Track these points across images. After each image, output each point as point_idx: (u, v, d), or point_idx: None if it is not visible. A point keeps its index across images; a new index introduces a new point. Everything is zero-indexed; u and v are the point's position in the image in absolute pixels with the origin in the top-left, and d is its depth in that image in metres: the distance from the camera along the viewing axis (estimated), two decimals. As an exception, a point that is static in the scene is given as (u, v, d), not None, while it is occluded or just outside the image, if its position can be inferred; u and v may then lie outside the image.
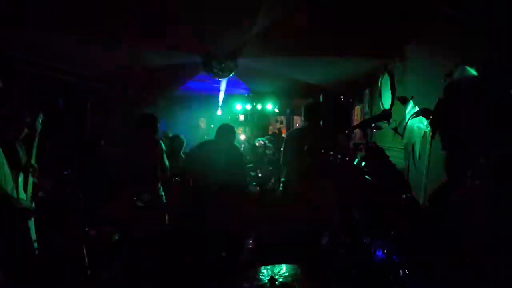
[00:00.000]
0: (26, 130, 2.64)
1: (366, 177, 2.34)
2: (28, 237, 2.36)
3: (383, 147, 3.44)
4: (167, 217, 3.60)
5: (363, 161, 1.29)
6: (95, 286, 2.69)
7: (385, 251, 2.23)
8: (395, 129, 3.58)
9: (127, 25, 3.25)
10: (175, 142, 4.93)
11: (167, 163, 3.66)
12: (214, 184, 3.30)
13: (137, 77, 5.51)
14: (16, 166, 2.43)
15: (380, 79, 4.48)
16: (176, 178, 4.10)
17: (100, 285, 2.75)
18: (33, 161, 2.60)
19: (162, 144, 3.67)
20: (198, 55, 4.27)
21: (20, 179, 2.44)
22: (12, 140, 2.51)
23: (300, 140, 3.25)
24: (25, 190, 2.48)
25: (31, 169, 2.56)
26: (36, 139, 2.67)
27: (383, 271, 2.04)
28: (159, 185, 3.61)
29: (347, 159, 4.06)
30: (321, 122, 3.65)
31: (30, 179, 2.54)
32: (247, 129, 9.15)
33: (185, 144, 5.00)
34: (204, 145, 3.85)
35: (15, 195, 2.34)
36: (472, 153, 1.06)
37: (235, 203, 3.38)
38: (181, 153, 4.98)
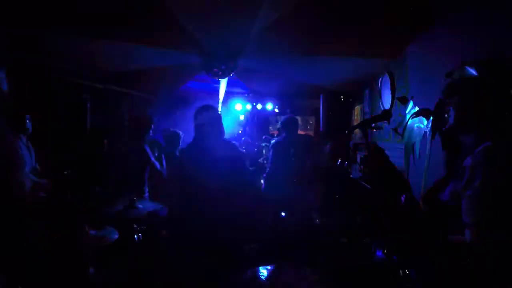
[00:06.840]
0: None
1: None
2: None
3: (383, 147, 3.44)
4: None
5: (363, 161, 1.29)
6: (95, 286, 2.68)
7: (385, 251, 2.23)
8: (395, 129, 3.59)
9: (127, 25, 3.25)
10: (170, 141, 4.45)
11: (158, 166, 3.63)
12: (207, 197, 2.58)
13: (137, 77, 5.50)
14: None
15: (380, 79, 4.47)
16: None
17: (100, 285, 2.75)
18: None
19: (148, 149, 3.60)
20: (198, 55, 4.27)
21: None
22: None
23: (281, 147, 4.10)
24: None
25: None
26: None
27: (383, 271, 2.04)
28: (146, 189, 3.61)
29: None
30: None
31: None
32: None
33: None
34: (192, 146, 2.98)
35: None
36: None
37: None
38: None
